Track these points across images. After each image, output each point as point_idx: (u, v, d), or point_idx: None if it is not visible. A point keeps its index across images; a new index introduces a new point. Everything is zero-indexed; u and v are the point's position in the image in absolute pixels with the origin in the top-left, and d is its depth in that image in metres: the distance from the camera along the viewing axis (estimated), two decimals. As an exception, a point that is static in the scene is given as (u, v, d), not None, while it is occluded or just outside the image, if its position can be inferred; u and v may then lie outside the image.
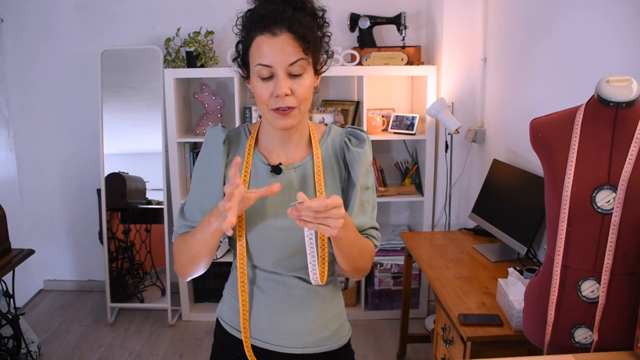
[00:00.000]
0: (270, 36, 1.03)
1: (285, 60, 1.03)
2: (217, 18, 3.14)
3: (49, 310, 3.39)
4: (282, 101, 1.05)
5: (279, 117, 1.07)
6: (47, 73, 3.36)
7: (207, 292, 3.33)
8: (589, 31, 1.93)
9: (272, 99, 1.06)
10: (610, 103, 1.21)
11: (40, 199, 3.53)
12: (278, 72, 1.04)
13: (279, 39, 1.03)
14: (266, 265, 1.17)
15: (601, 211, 1.24)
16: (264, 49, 1.04)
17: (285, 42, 1.03)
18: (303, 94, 1.07)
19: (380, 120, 3.13)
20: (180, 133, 3.07)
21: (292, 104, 1.06)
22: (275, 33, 1.03)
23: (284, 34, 1.03)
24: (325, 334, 1.21)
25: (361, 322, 3.17)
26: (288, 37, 1.04)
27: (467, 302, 1.87)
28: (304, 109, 1.10)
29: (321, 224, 0.96)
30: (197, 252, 1.11)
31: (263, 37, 1.04)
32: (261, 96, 1.07)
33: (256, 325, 1.19)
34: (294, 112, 1.08)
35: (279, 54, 1.03)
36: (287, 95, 1.05)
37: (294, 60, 1.04)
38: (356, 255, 1.13)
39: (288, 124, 1.08)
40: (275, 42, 1.03)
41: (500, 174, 2.58)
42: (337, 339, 1.24)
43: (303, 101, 1.08)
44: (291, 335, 1.18)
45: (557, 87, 2.18)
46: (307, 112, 1.15)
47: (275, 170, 1.16)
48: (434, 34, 3.14)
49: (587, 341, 1.30)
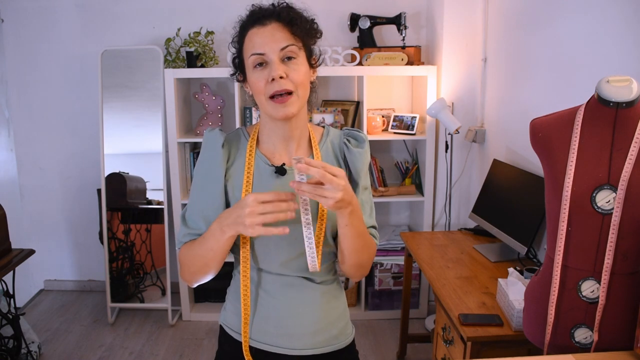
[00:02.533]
0: (260, 27, 1.09)
1: (276, 45, 1.07)
2: (217, 18, 3.15)
3: (49, 310, 3.39)
4: (278, 84, 1.06)
5: (278, 105, 1.08)
6: (48, 73, 3.36)
7: (207, 292, 3.33)
8: (589, 31, 1.93)
9: (267, 86, 1.07)
10: (610, 103, 1.21)
11: (41, 199, 3.53)
12: (271, 57, 1.07)
13: (268, 27, 1.08)
14: (272, 267, 1.16)
15: (601, 211, 1.24)
16: (255, 40, 1.08)
17: (275, 29, 1.08)
18: (298, 78, 1.08)
19: (381, 120, 3.13)
20: (180, 133, 3.07)
21: (289, 86, 1.07)
22: (265, 23, 1.08)
23: (273, 23, 1.09)
24: (333, 333, 1.21)
25: (361, 322, 3.17)
26: (277, 24, 1.09)
27: (467, 302, 1.87)
28: (302, 96, 1.10)
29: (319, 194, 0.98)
30: (209, 260, 1.10)
31: (254, 30, 1.09)
32: (257, 85, 1.09)
33: (264, 329, 1.17)
34: (292, 99, 1.08)
35: (269, 41, 1.07)
36: (281, 77, 1.06)
37: (284, 45, 1.07)
38: (360, 247, 1.13)
39: (288, 111, 1.08)
40: (265, 31, 1.08)
41: (501, 174, 2.58)
42: (343, 337, 1.24)
43: (299, 86, 1.09)
44: (300, 337, 1.17)
45: (557, 87, 2.18)
46: (305, 105, 1.15)
47: (280, 171, 1.15)
48: (434, 34, 3.14)
49: (587, 341, 1.31)
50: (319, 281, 1.19)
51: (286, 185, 1.14)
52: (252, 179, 1.15)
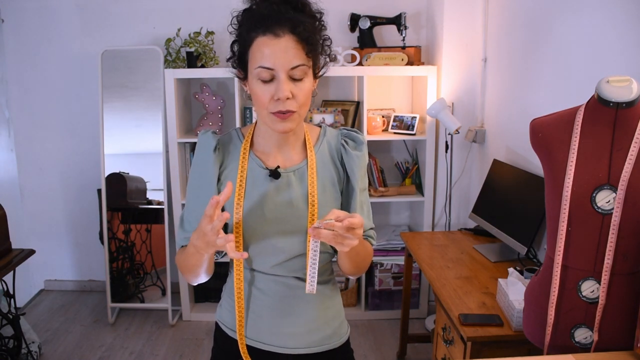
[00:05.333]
0: (272, 37, 1.01)
1: (288, 63, 1.01)
2: (217, 18, 3.14)
3: (49, 310, 3.39)
4: (283, 105, 1.03)
5: (279, 120, 1.05)
6: (48, 73, 3.36)
7: (207, 292, 3.33)
8: (590, 31, 1.93)
9: (272, 103, 1.04)
10: (610, 103, 1.21)
11: (41, 199, 3.53)
12: (279, 75, 1.02)
13: (281, 40, 1.01)
14: (265, 268, 1.15)
15: (601, 211, 1.24)
16: (265, 51, 1.01)
17: (289, 44, 1.01)
18: (303, 99, 1.05)
19: (381, 121, 3.13)
20: (180, 133, 3.07)
21: (293, 107, 1.04)
22: (278, 34, 1.01)
23: (286, 36, 1.01)
24: (327, 332, 1.21)
25: (361, 322, 3.17)
26: (291, 39, 1.01)
27: (468, 302, 1.87)
28: (303, 113, 1.08)
29: (339, 242, 0.98)
30: (198, 272, 1.11)
31: (265, 39, 1.01)
32: (261, 99, 1.05)
33: (257, 327, 1.17)
34: (294, 116, 1.06)
35: (281, 57, 1.01)
36: (288, 98, 1.03)
37: (296, 65, 1.02)
38: (360, 260, 1.16)
39: (287, 127, 1.07)
40: (278, 44, 1.01)
41: (501, 174, 2.58)
42: (337, 337, 1.24)
43: (302, 106, 1.06)
44: (294, 336, 1.17)
45: (557, 87, 2.18)
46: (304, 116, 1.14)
47: (274, 175, 1.14)
48: (434, 34, 3.14)
49: (587, 341, 1.31)
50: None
51: (280, 188, 1.14)
52: (245, 182, 1.13)
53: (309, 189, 1.14)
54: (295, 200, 1.14)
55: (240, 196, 1.12)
